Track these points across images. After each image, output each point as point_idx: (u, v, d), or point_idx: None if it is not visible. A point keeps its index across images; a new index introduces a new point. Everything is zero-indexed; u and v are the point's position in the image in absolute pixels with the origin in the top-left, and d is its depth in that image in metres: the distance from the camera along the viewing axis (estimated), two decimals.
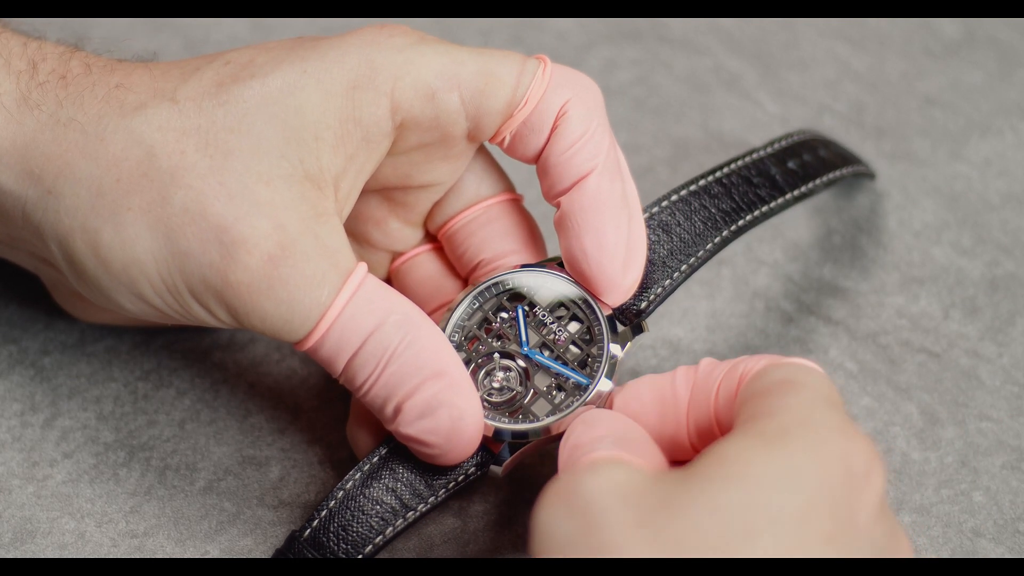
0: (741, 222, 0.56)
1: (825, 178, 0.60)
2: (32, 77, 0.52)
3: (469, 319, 0.55)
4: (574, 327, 0.55)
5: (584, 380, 0.53)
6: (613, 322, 0.54)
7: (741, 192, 0.57)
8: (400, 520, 0.53)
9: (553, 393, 0.54)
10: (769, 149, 0.59)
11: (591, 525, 0.43)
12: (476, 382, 0.54)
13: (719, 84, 0.74)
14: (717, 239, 0.56)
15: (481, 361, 0.54)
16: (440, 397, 0.51)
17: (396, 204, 0.57)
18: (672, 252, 0.55)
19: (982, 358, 0.63)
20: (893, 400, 0.61)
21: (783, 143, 0.60)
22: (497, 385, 0.54)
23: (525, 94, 0.53)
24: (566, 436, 0.50)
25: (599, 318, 0.54)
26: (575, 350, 0.54)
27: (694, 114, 0.73)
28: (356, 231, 0.58)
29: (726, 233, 0.56)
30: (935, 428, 0.60)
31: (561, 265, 0.55)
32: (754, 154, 0.58)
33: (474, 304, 0.55)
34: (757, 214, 0.57)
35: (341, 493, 0.53)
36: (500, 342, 0.55)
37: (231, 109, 0.51)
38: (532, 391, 0.54)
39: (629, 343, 0.54)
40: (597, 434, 0.49)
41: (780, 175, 0.58)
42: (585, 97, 0.54)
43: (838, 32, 0.76)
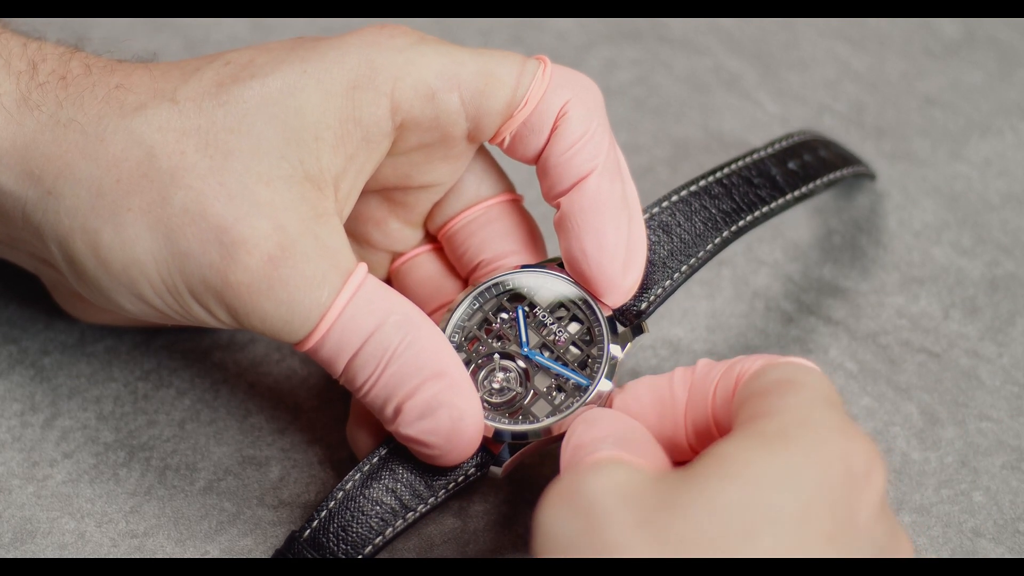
0: (741, 223, 0.56)
1: (826, 178, 0.60)
2: (32, 78, 0.52)
3: (469, 320, 0.55)
4: (574, 328, 0.55)
5: (584, 381, 0.53)
6: (613, 323, 0.54)
7: (741, 192, 0.57)
8: (400, 521, 0.53)
9: (553, 394, 0.54)
10: (769, 149, 0.59)
11: (593, 525, 0.43)
12: (476, 383, 0.54)
13: (719, 84, 0.74)
14: (717, 240, 0.56)
15: (481, 362, 0.54)
16: (440, 398, 0.51)
17: (396, 204, 0.57)
18: (672, 253, 0.55)
19: (982, 358, 0.63)
20: (893, 400, 0.61)
21: (783, 143, 0.60)
22: (497, 386, 0.54)
23: (525, 95, 0.53)
24: (568, 436, 0.50)
25: (599, 319, 0.54)
26: (575, 351, 0.54)
27: (694, 114, 0.72)
28: (356, 231, 0.58)
29: (726, 234, 0.56)
30: (935, 428, 0.60)
31: (561, 266, 0.55)
32: (754, 154, 0.58)
33: (474, 305, 0.55)
34: (758, 214, 0.57)
35: (341, 494, 0.53)
36: (500, 343, 0.55)
37: (231, 109, 0.51)
38: (532, 392, 0.54)
39: (629, 344, 0.54)
40: (599, 434, 0.49)
41: (780, 175, 0.58)
42: (585, 98, 0.54)
43: (838, 32, 0.76)
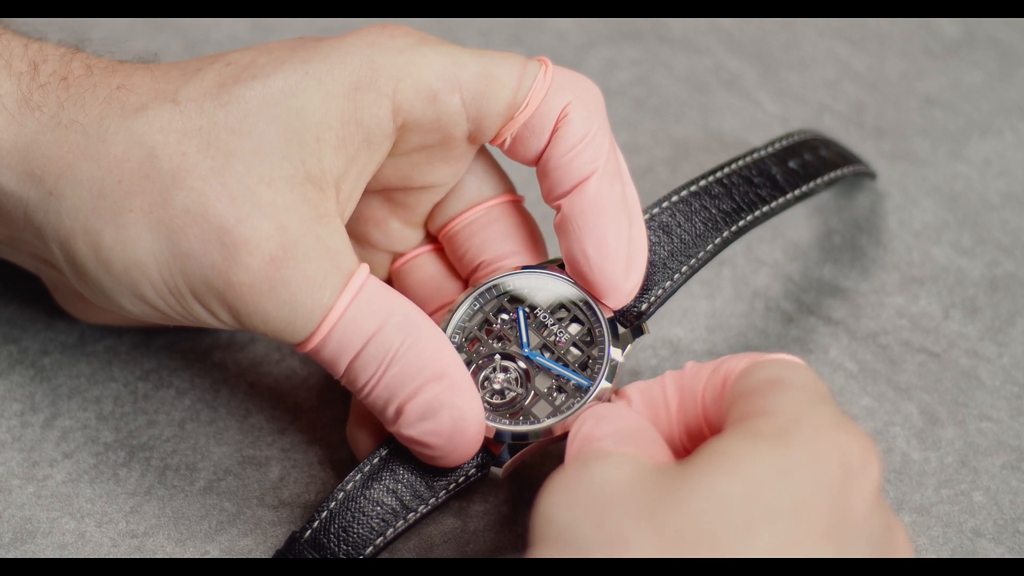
0: (742, 222, 0.56)
1: (826, 178, 0.60)
2: (33, 79, 0.52)
3: (470, 320, 0.55)
4: (575, 329, 0.55)
5: (585, 382, 0.53)
6: (614, 324, 0.54)
7: (742, 192, 0.57)
8: (400, 521, 0.53)
9: (554, 395, 0.54)
10: (770, 149, 0.59)
11: (596, 515, 0.43)
12: (477, 383, 0.54)
13: (719, 84, 0.74)
14: (718, 240, 0.56)
15: (482, 362, 0.54)
16: (442, 399, 0.51)
17: (397, 205, 0.57)
18: (673, 253, 0.55)
19: (982, 358, 0.63)
20: (893, 400, 0.61)
21: (784, 143, 0.60)
22: (498, 386, 0.54)
23: (526, 96, 0.53)
24: (576, 428, 0.50)
25: (600, 320, 0.54)
26: (576, 352, 0.54)
27: (694, 114, 0.72)
28: (357, 232, 0.58)
29: (727, 234, 0.56)
30: (935, 428, 0.60)
31: (562, 267, 0.55)
32: (755, 154, 0.58)
33: (475, 305, 0.55)
34: (758, 214, 0.57)
35: (341, 494, 0.53)
36: (501, 344, 0.55)
37: (233, 110, 0.51)
38: (533, 393, 0.54)
39: (630, 345, 0.54)
40: (608, 429, 0.49)
41: (781, 175, 0.58)
42: (586, 100, 0.54)
43: (838, 32, 0.76)
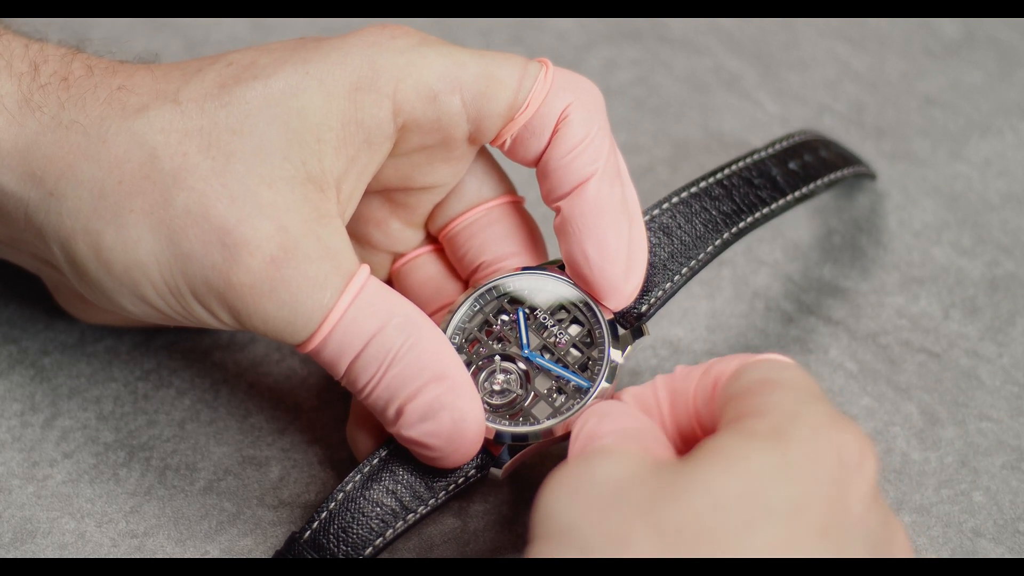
0: (742, 224, 0.56)
1: (826, 179, 0.60)
2: (34, 79, 0.51)
3: (470, 321, 0.55)
4: (575, 330, 0.55)
5: (585, 383, 0.53)
6: (614, 325, 0.54)
7: (742, 193, 0.57)
8: (400, 522, 0.53)
9: (554, 396, 0.54)
10: (770, 150, 0.59)
11: (596, 512, 0.43)
12: (476, 384, 0.54)
13: (719, 84, 0.74)
14: (718, 241, 0.56)
15: (482, 363, 0.54)
16: (442, 400, 0.51)
17: (397, 205, 0.57)
18: (673, 255, 0.55)
19: (982, 358, 0.63)
20: (893, 400, 0.61)
21: (784, 144, 0.60)
22: (498, 387, 0.54)
23: (527, 97, 0.53)
24: (579, 425, 0.50)
25: (600, 321, 0.54)
26: (576, 353, 0.54)
27: (694, 114, 0.72)
28: (357, 232, 0.58)
29: (727, 235, 0.56)
30: (935, 428, 0.60)
31: (562, 268, 0.55)
32: (755, 155, 0.58)
33: (475, 306, 0.55)
34: (758, 216, 0.57)
35: (341, 495, 0.53)
36: (501, 344, 0.55)
37: (233, 110, 0.51)
38: (533, 394, 0.54)
39: (630, 346, 0.54)
40: (610, 426, 0.49)
41: (781, 176, 0.58)
42: (586, 101, 0.53)
43: (838, 32, 0.76)
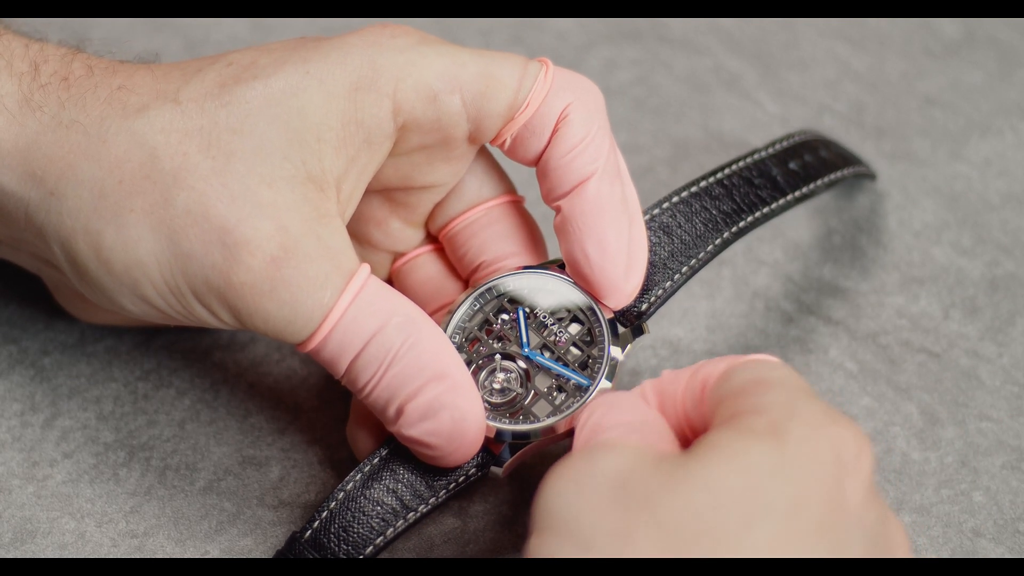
0: (742, 223, 0.56)
1: (826, 179, 0.60)
2: (34, 79, 0.52)
3: (470, 320, 0.55)
4: (575, 329, 0.55)
5: (585, 381, 0.53)
6: (614, 324, 0.54)
7: (742, 193, 0.57)
8: (401, 521, 0.53)
9: (554, 394, 0.54)
10: (770, 150, 0.59)
11: (597, 506, 0.43)
12: (477, 383, 0.54)
13: (719, 84, 0.74)
14: (718, 241, 0.56)
15: (482, 362, 0.54)
16: (442, 399, 0.51)
17: (397, 205, 0.57)
18: (673, 254, 0.55)
19: (982, 358, 0.63)
20: (893, 400, 0.61)
21: (784, 144, 0.60)
22: (498, 386, 0.54)
23: (527, 97, 0.53)
24: (586, 416, 0.50)
25: (600, 320, 0.54)
26: (576, 352, 0.54)
27: (694, 114, 0.72)
28: (357, 231, 0.58)
29: (727, 235, 0.56)
30: (935, 428, 0.60)
31: (562, 267, 0.55)
32: (755, 155, 0.58)
33: (475, 305, 0.55)
34: (758, 215, 0.57)
35: (342, 494, 0.53)
36: (501, 343, 0.55)
37: (234, 110, 0.51)
38: (533, 392, 0.54)
39: (630, 345, 0.54)
40: (616, 419, 0.49)
41: (781, 176, 0.58)
42: (586, 100, 0.54)
43: (838, 32, 0.76)
